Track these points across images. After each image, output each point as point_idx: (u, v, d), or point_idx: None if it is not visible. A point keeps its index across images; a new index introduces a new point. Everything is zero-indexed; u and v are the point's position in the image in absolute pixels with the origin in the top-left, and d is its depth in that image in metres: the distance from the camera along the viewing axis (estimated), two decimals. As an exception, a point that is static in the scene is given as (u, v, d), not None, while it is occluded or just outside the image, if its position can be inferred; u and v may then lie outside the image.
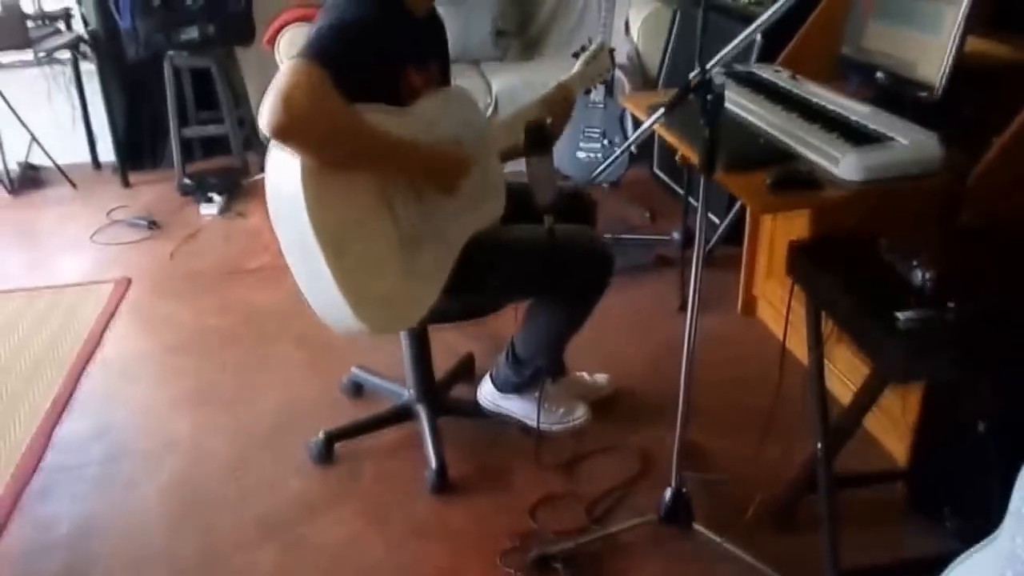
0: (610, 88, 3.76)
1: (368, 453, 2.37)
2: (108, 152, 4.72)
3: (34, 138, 4.55)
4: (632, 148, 3.37)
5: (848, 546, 1.74)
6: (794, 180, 1.77)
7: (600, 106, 3.75)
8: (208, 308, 3.22)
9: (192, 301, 3.28)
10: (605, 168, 3.42)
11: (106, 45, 4.46)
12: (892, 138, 1.81)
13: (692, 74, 1.61)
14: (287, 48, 4.04)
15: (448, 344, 2.68)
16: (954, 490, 1.92)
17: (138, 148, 4.77)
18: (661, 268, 3.30)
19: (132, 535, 2.14)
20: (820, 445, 1.68)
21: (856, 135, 1.86)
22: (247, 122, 4.62)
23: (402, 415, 2.38)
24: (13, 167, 4.59)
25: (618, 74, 3.95)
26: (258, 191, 4.10)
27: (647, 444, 2.34)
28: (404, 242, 1.74)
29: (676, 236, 3.29)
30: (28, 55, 4.17)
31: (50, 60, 4.38)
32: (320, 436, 2.32)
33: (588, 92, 2.28)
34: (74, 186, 4.57)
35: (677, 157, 2.24)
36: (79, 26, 4.52)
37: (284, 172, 1.58)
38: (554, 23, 4.72)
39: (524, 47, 4.63)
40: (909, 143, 1.79)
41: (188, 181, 4.29)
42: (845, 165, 1.75)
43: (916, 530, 1.99)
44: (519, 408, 2.28)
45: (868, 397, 1.71)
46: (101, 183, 4.65)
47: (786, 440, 2.09)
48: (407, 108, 1.79)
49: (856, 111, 1.99)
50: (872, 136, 1.85)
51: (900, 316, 1.42)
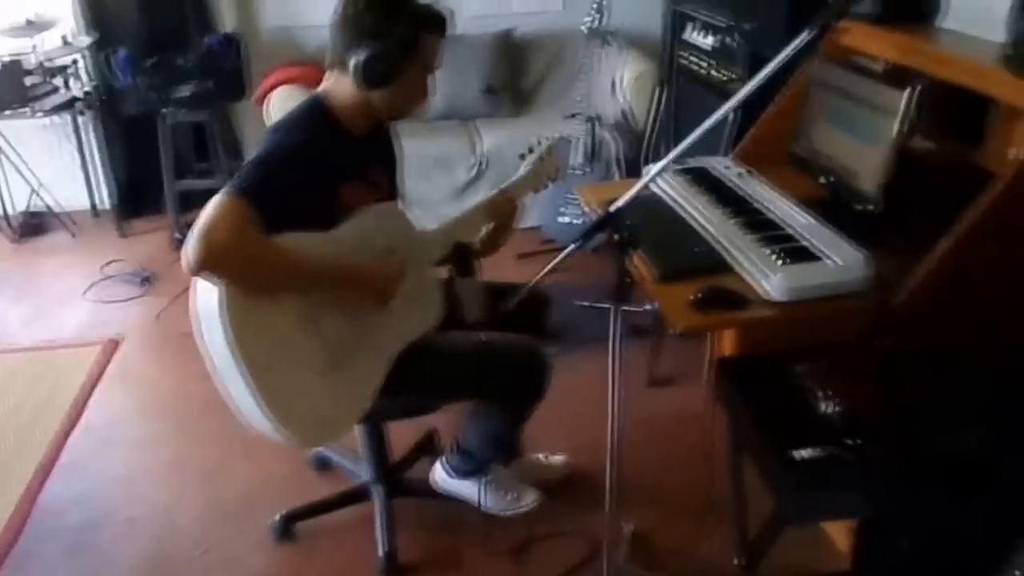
0: (594, 152, 3.82)
1: (326, 532, 2.43)
2: (108, 199, 4.84)
3: (35, 190, 4.68)
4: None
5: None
6: (720, 298, 1.81)
7: (579, 172, 3.81)
8: (191, 374, 3.26)
9: (176, 365, 3.35)
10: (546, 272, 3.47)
11: (106, 99, 4.58)
12: (823, 256, 1.86)
13: (614, 207, 1.66)
14: (276, 108, 4.14)
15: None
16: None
17: (138, 195, 4.88)
18: (636, 338, 3.34)
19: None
20: (736, 562, 1.73)
21: (790, 250, 1.90)
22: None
23: (358, 496, 2.44)
24: (17, 213, 4.73)
25: (607, 135, 4.02)
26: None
27: (601, 528, 2.38)
28: (332, 358, 1.80)
29: (652, 307, 3.32)
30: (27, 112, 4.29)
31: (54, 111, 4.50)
32: (278, 517, 2.39)
33: (537, 191, 2.29)
34: (73, 235, 4.69)
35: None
36: (83, 77, 4.63)
37: (207, 294, 1.65)
38: (546, 79, 4.79)
39: (515, 103, 4.70)
40: (838, 263, 1.83)
41: (179, 237, 4.38)
42: (772, 284, 1.80)
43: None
44: (469, 491, 2.33)
45: (772, 533, 1.73)
46: (100, 231, 4.76)
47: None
48: (335, 230, 1.84)
49: (796, 221, 2.03)
50: (805, 252, 1.90)
51: (796, 454, 1.46)
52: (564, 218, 3.87)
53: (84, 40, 4.48)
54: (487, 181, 4.22)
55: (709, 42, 3.33)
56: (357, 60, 1.78)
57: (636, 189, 1.65)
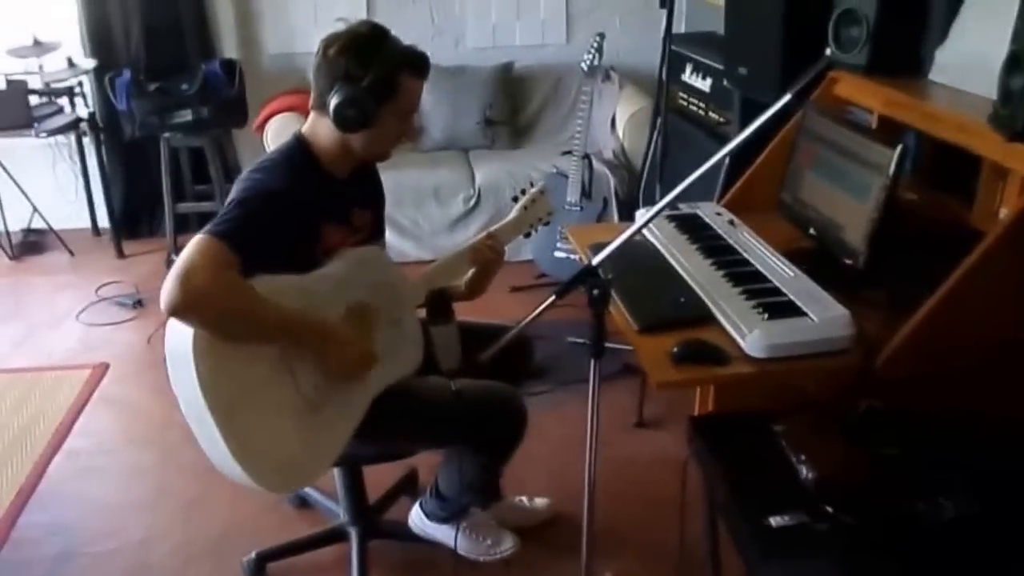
0: (588, 190, 3.81)
1: (300, 572, 2.41)
2: (108, 219, 4.85)
3: (36, 209, 4.70)
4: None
5: None
6: (699, 352, 1.79)
7: (577, 208, 3.80)
8: (177, 401, 3.27)
9: (163, 391, 3.23)
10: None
11: (106, 123, 4.60)
12: (805, 312, 1.84)
13: (595, 260, 1.65)
14: (274, 136, 4.15)
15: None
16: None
17: (136, 216, 4.90)
18: (626, 377, 3.32)
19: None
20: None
21: (773, 305, 1.88)
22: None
23: (334, 537, 2.41)
24: (16, 230, 4.74)
25: (604, 170, 4.01)
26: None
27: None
28: (305, 403, 1.78)
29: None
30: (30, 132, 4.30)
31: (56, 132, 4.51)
32: (252, 556, 2.36)
33: (528, 235, 2.28)
34: (71, 253, 4.70)
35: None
36: (87, 99, 4.65)
37: (178, 333, 1.64)
38: (544, 112, 4.80)
39: (513, 135, 4.70)
40: (821, 320, 1.81)
41: (175, 259, 4.37)
42: (751, 340, 1.77)
43: None
44: (446, 536, 2.30)
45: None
46: (98, 251, 4.78)
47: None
48: (312, 275, 1.83)
49: (780, 275, 2.01)
50: (787, 307, 1.87)
51: (772, 520, 1.44)
52: (559, 253, 3.85)
53: (88, 62, 4.50)
54: (482, 213, 4.22)
55: (705, 84, 3.32)
56: (334, 103, 1.77)
57: (620, 241, 1.64)
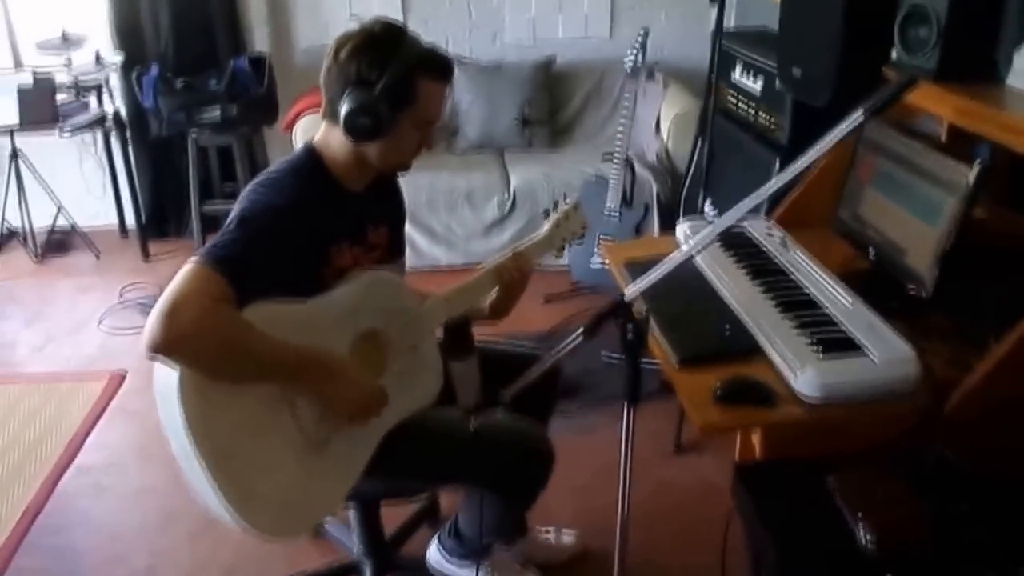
0: (629, 197, 3.61)
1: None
2: (134, 220, 4.75)
3: (60, 207, 4.61)
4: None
5: None
6: (745, 392, 1.60)
7: (616, 216, 3.60)
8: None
9: None
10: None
11: (134, 120, 4.49)
12: (865, 350, 1.64)
13: (627, 293, 1.47)
14: (303, 135, 4.01)
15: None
16: None
17: (163, 216, 4.79)
18: (663, 398, 3.12)
19: None
20: None
21: (829, 339, 1.68)
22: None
23: (346, 572, 2.26)
24: (41, 230, 4.66)
25: (646, 175, 3.81)
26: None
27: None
28: (308, 441, 1.62)
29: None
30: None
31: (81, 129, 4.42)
32: (261, 590, 2.22)
33: (561, 250, 2.09)
34: (97, 255, 4.61)
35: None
36: (116, 96, 4.56)
37: (165, 372, 1.48)
38: (585, 111, 4.60)
39: (552, 135, 4.50)
40: (881, 360, 1.60)
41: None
42: (804, 379, 1.58)
43: None
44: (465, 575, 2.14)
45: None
46: (124, 251, 4.68)
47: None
48: (318, 300, 1.66)
49: (837, 304, 1.81)
50: (845, 343, 1.67)
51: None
52: (596, 263, 3.66)
53: (116, 58, 4.40)
54: (517, 219, 4.05)
55: (756, 85, 3.11)
56: (344, 111, 1.60)
57: (657, 275, 1.45)
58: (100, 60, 4.36)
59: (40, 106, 4.19)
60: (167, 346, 1.40)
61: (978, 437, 1.54)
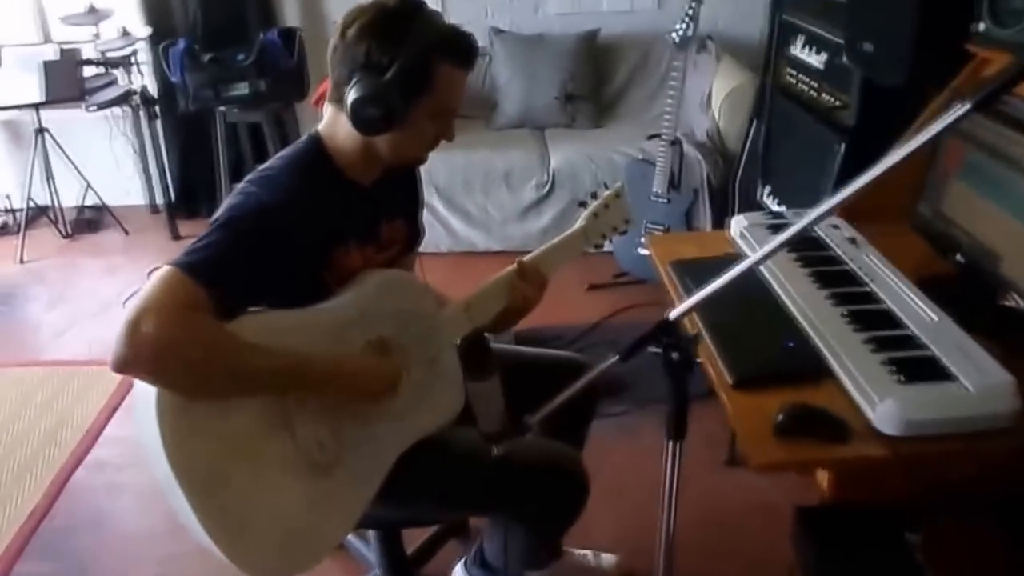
0: (677, 180, 3.37)
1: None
2: (162, 198, 4.63)
3: (89, 185, 4.50)
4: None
5: None
6: (812, 423, 1.38)
7: (663, 200, 3.36)
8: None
9: None
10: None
11: (163, 96, 4.35)
12: (955, 376, 1.40)
13: (673, 314, 1.25)
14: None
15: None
16: None
17: (194, 194, 4.66)
18: (715, 401, 2.89)
19: None
20: None
21: (911, 362, 1.45)
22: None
23: (365, 593, 2.09)
24: (71, 208, 4.55)
25: (696, 155, 3.56)
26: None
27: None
28: (308, 466, 1.43)
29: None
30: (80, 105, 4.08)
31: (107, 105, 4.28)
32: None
33: (599, 246, 1.87)
34: (127, 233, 4.49)
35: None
36: (143, 70, 4.41)
37: (141, 389, 1.30)
38: (631, 87, 4.35)
39: (596, 112, 4.26)
40: (976, 389, 1.37)
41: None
42: (883, 411, 1.35)
43: None
44: (494, 604, 1.95)
45: None
46: (153, 230, 4.57)
47: None
48: (323, 305, 1.48)
49: (919, 318, 1.57)
50: (930, 367, 1.44)
51: None
52: (642, 250, 3.42)
53: (143, 31, 4.24)
54: (555, 202, 3.83)
55: (818, 60, 2.84)
56: (351, 99, 1.39)
57: (708, 292, 1.23)
58: (127, 34, 4.20)
59: (65, 81, 4.07)
60: (131, 361, 1.21)
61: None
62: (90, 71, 4.31)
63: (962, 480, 1.36)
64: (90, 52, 4.24)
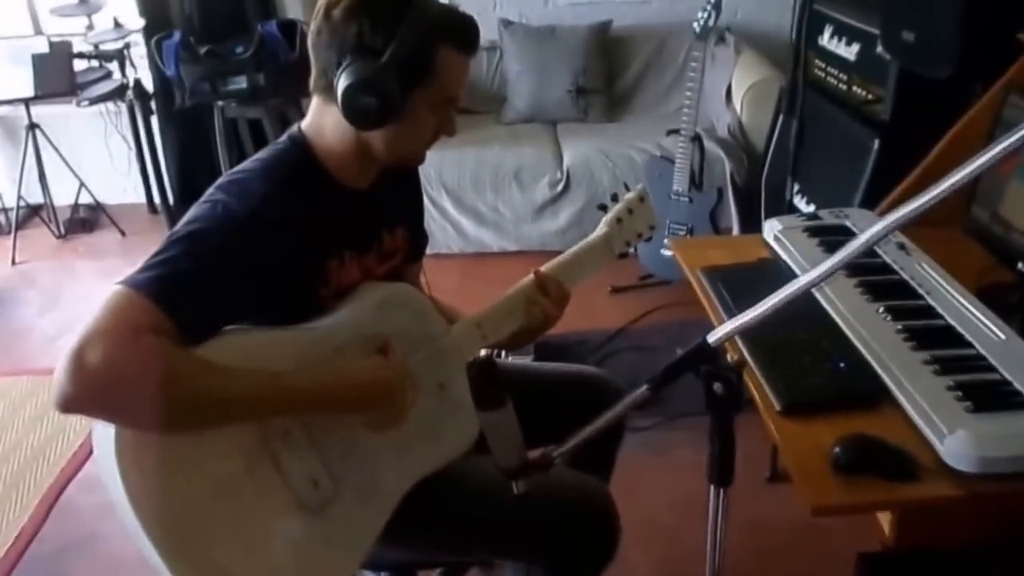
0: (699, 178, 3.20)
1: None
2: (159, 197, 4.48)
3: (82, 184, 4.34)
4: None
5: None
6: (874, 458, 1.23)
7: (685, 199, 3.20)
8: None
9: None
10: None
11: (159, 90, 4.19)
12: (1031, 402, 1.25)
13: (713, 338, 1.09)
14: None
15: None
16: None
17: (193, 193, 4.45)
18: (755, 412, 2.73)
19: None
20: None
21: (980, 388, 1.29)
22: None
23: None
24: (65, 207, 4.40)
25: (718, 152, 3.40)
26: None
27: None
28: (300, 507, 1.27)
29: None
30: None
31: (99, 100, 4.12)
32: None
33: (623, 255, 1.71)
34: (123, 234, 4.34)
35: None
36: (140, 65, 4.25)
37: (100, 427, 1.13)
38: (645, 80, 4.18)
39: (609, 107, 4.09)
40: (1058, 417, 1.22)
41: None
42: (953, 444, 1.19)
43: None
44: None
45: None
46: (151, 230, 4.41)
47: None
48: (315, 325, 1.31)
49: (984, 336, 1.41)
50: (1003, 394, 1.28)
51: None
52: (666, 251, 3.25)
53: (136, 22, 4.08)
54: (571, 201, 3.66)
55: (850, 51, 2.68)
56: (342, 87, 1.23)
57: (758, 315, 1.07)
58: (120, 25, 4.04)
59: (56, 75, 3.91)
60: (77, 397, 1.05)
61: None
62: (83, 65, 4.15)
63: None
64: (82, 45, 4.08)
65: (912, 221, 0.98)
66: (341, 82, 1.22)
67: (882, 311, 1.51)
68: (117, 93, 4.10)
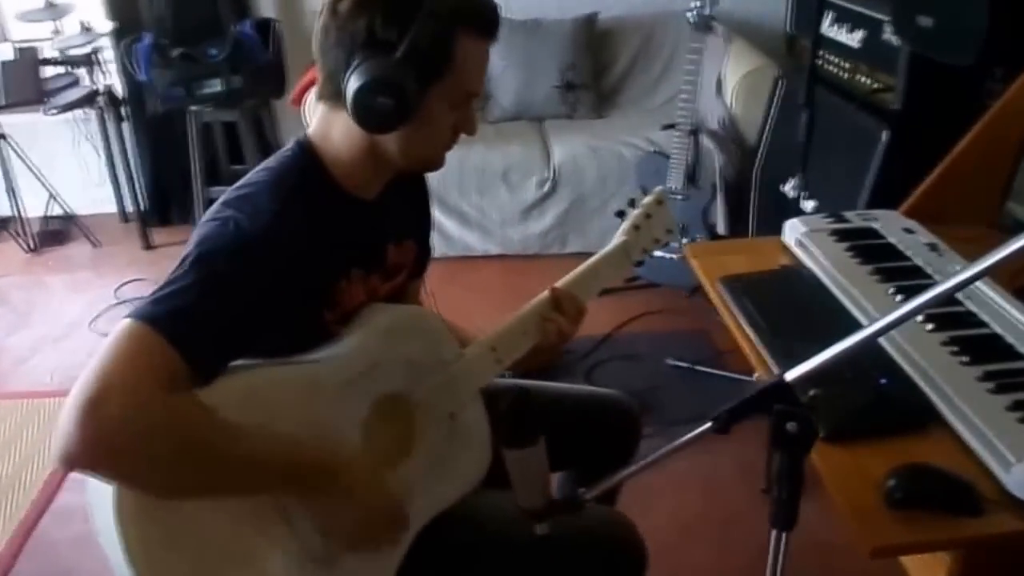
0: (693, 174, 3.09)
1: None
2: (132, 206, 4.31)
3: (52, 195, 4.17)
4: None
5: None
6: (933, 491, 1.11)
7: (680, 197, 3.08)
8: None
9: None
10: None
11: (131, 96, 4.03)
12: (1101, 422, 1.14)
13: (791, 376, 0.97)
14: (314, 110, 3.50)
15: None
16: None
17: (166, 201, 4.35)
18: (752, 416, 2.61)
19: None
20: None
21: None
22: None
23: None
24: (36, 219, 4.22)
25: (710, 146, 3.28)
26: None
27: None
28: (311, 557, 1.16)
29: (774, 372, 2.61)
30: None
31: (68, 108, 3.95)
32: None
33: (640, 263, 1.59)
34: (95, 245, 4.18)
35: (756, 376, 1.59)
36: (111, 70, 4.08)
37: (96, 484, 1.01)
38: (632, 74, 4.05)
39: (598, 101, 3.96)
40: None
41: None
42: (1022, 476, 1.08)
43: None
44: None
45: None
46: (124, 241, 4.23)
47: None
48: (320, 356, 1.20)
49: (1038, 345, 1.31)
50: (1067, 411, 1.17)
51: None
52: (657, 251, 3.13)
53: (105, 26, 3.91)
54: (559, 200, 3.54)
55: (853, 38, 2.56)
56: (353, 89, 1.11)
57: (840, 349, 0.96)
58: (88, 29, 3.87)
59: (24, 82, 3.74)
60: (87, 454, 0.94)
61: None
62: (51, 71, 3.98)
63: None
64: (49, 50, 3.91)
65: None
66: (351, 84, 1.11)
67: (922, 320, 1.39)
68: (87, 100, 3.93)
